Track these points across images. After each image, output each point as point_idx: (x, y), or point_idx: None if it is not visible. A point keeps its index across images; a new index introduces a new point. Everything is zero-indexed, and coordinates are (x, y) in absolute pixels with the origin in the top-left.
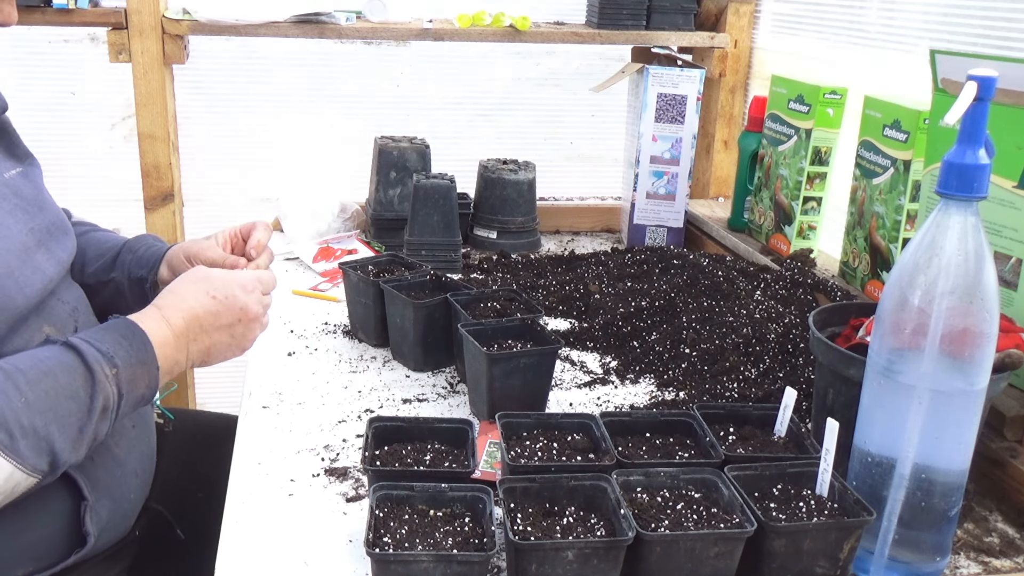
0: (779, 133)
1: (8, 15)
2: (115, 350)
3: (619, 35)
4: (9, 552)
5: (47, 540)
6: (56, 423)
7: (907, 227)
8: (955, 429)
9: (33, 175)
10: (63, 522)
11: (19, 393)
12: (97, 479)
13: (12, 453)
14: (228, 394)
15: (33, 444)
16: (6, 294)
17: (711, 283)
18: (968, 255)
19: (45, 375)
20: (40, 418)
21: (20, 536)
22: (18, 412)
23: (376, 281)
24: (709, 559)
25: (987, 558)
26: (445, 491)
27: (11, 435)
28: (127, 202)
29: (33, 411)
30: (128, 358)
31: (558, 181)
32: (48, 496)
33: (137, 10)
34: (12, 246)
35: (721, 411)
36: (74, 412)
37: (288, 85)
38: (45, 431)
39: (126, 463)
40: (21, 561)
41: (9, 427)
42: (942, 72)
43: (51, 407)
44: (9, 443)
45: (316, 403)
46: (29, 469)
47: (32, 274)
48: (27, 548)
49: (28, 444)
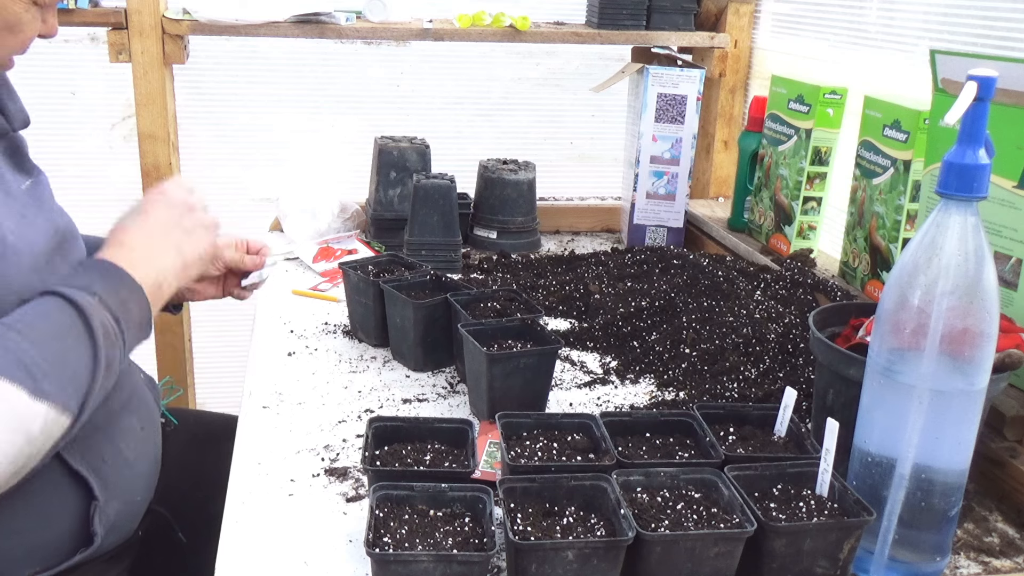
0: (779, 133)
1: (52, 27)
2: (89, 282)
3: (619, 35)
4: (19, 551)
5: (55, 540)
6: (68, 357)
7: (907, 227)
8: (955, 429)
9: (43, 186)
10: (72, 522)
11: (22, 337)
12: (107, 480)
13: (41, 395)
14: (228, 394)
15: (56, 381)
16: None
17: (711, 283)
18: (968, 255)
19: (39, 318)
20: (52, 355)
21: (30, 535)
22: (31, 355)
23: (376, 281)
24: (709, 559)
25: (987, 558)
26: (445, 491)
27: (33, 377)
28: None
29: (44, 351)
30: (106, 285)
31: (558, 181)
32: (59, 496)
33: (137, 10)
34: (40, 249)
35: (721, 411)
36: (80, 341)
37: (288, 85)
38: (62, 367)
39: (135, 465)
40: (29, 560)
41: (29, 370)
42: (942, 72)
43: (57, 344)
44: (35, 386)
45: (316, 403)
46: (61, 407)
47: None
48: (37, 547)
49: (51, 383)
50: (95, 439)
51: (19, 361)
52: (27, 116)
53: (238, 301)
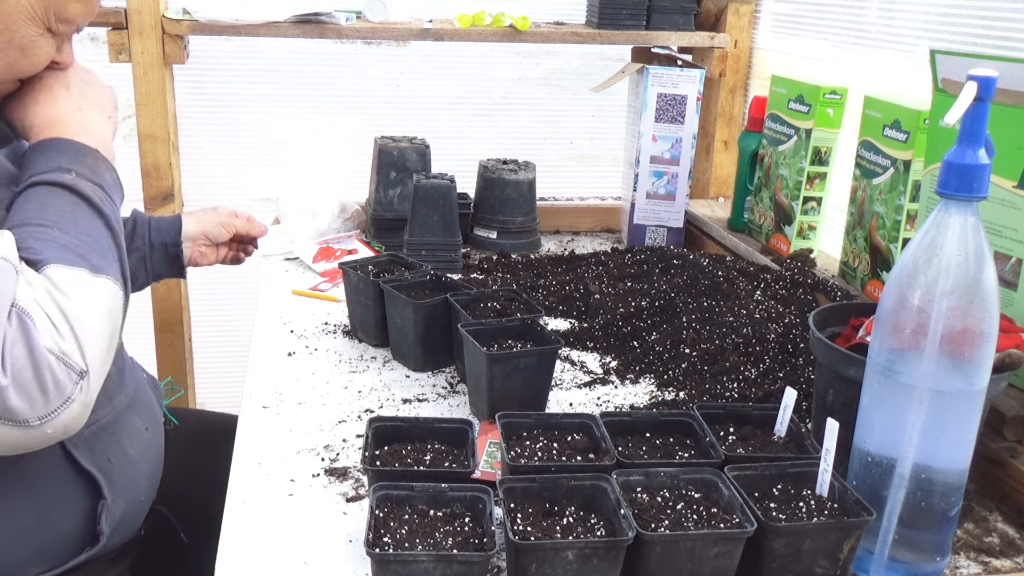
0: (779, 133)
1: (67, 56)
2: (51, 164)
3: (619, 35)
4: (27, 551)
5: (63, 539)
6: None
7: (907, 227)
8: (955, 429)
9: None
10: (79, 521)
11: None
12: (114, 480)
13: (97, 271)
14: (228, 394)
15: (99, 256)
16: None
17: (711, 283)
18: (968, 255)
19: (43, 206)
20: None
21: (39, 535)
22: (66, 238)
23: (376, 281)
24: (709, 559)
25: (987, 558)
26: (445, 491)
27: (84, 257)
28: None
29: (73, 233)
30: (69, 160)
31: (558, 181)
32: (69, 495)
33: (137, 10)
34: None
35: (721, 411)
36: (88, 215)
37: (288, 85)
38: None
39: (139, 465)
40: (37, 559)
41: (77, 250)
42: (942, 72)
43: (73, 222)
44: (89, 264)
45: (316, 403)
46: (113, 279)
47: None
48: (45, 547)
49: (97, 258)
50: (101, 439)
51: (65, 246)
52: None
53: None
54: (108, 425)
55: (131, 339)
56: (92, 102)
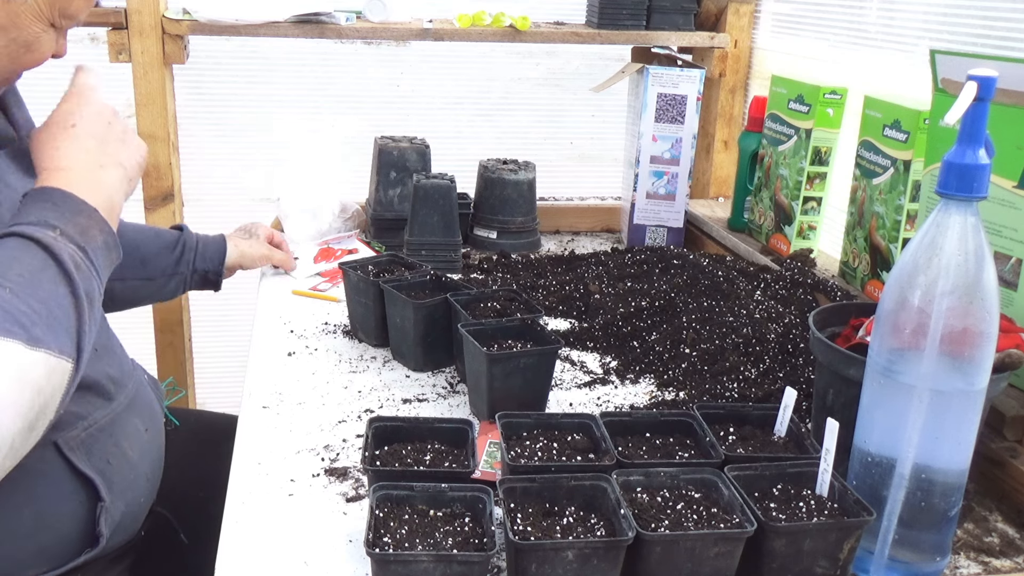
0: (779, 133)
1: (62, 48)
2: (43, 216)
3: (619, 35)
4: (26, 553)
5: (62, 541)
6: (49, 300)
7: (907, 227)
8: (955, 429)
9: None
10: (78, 523)
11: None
12: (113, 482)
13: (36, 343)
14: (228, 394)
15: (46, 327)
16: None
17: (711, 283)
18: (968, 255)
19: (9, 263)
20: (33, 299)
21: (37, 537)
22: (15, 304)
23: (376, 281)
24: (709, 559)
25: (987, 558)
26: (445, 491)
27: (24, 326)
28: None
29: (25, 298)
30: (61, 216)
31: (558, 181)
32: (66, 497)
33: (137, 10)
34: None
35: (721, 411)
36: (55, 281)
37: (288, 85)
38: (47, 311)
39: (139, 466)
40: (36, 562)
41: (17, 319)
42: (942, 72)
43: (35, 288)
44: (27, 335)
45: (316, 403)
46: (57, 352)
47: None
48: (43, 549)
49: (42, 329)
50: (100, 441)
51: (6, 312)
52: (33, 124)
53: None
54: (107, 427)
55: (131, 339)
56: (116, 162)
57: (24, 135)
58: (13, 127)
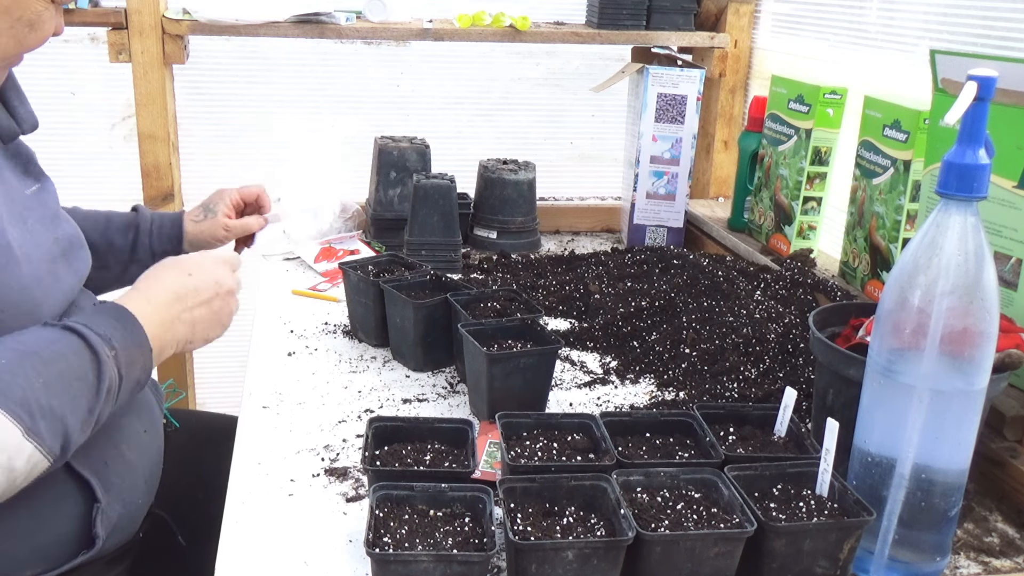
0: (779, 133)
1: (60, 25)
2: (111, 332)
3: (619, 35)
4: (22, 553)
5: (58, 541)
6: (69, 404)
7: (907, 227)
8: (955, 429)
9: (49, 192)
10: (74, 524)
11: (36, 374)
12: (110, 483)
13: (34, 435)
14: (228, 394)
15: (50, 425)
16: (34, 303)
17: (711, 283)
18: (968, 255)
19: (57, 357)
20: (56, 400)
21: (33, 537)
22: (37, 393)
23: (376, 281)
24: (709, 559)
25: (987, 558)
26: (445, 491)
27: (32, 416)
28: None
29: (50, 392)
30: (124, 340)
31: (558, 181)
32: (62, 498)
33: (137, 10)
34: (43, 255)
35: (721, 411)
36: (84, 393)
37: (288, 85)
38: (60, 412)
39: (137, 467)
40: (32, 562)
41: (30, 408)
42: (942, 72)
43: (65, 388)
44: (31, 424)
45: (316, 403)
46: (46, 451)
47: (55, 284)
48: (39, 549)
49: (46, 425)
50: (97, 442)
51: (24, 398)
52: (36, 119)
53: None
54: (105, 428)
55: None
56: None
57: (28, 129)
58: (16, 122)
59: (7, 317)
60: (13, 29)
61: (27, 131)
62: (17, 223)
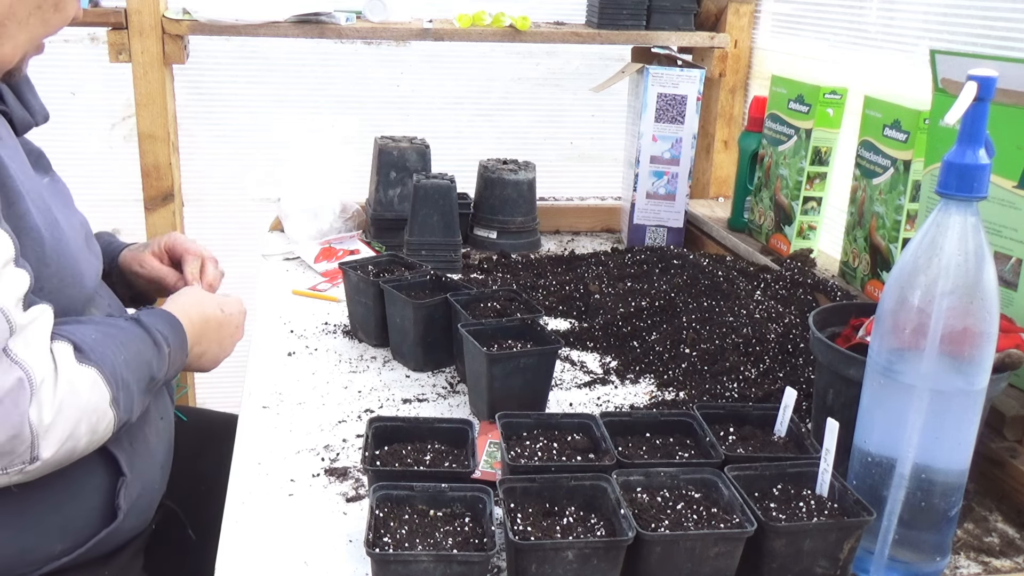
0: (779, 133)
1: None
2: (167, 332)
3: (619, 35)
4: (53, 524)
5: (84, 515)
6: (138, 385)
7: (907, 227)
8: (955, 429)
9: (60, 183)
10: (100, 497)
11: (119, 351)
12: (133, 463)
13: (115, 404)
14: (228, 394)
15: (126, 399)
16: (82, 275)
17: (711, 283)
18: (968, 255)
19: (131, 340)
20: (131, 376)
21: (61, 510)
22: (121, 367)
23: (376, 281)
24: (709, 559)
25: (987, 558)
26: (445, 491)
27: (117, 386)
28: (127, 202)
29: (129, 369)
30: (175, 341)
31: (558, 181)
32: (91, 471)
33: (137, 10)
34: (79, 234)
35: (721, 411)
36: (146, 378)
37: (288, 85)
38: (133, 389)
39: (156, 453)
40: (59, 535)
41: (117, 379)
42: (942, 72)
43: (137, 369)
44: (115, 394)
45: (316, 403)
46: (117, 422)
47: (89, 262)
48: (67, 522)
49: (124, 398)
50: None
51: (114, 368)
52: (47, 112)
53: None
54: None
55: None
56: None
57: (40, 120)
58: (31, 114)
59: (65, 286)
60: (40, 12)
61: (40, 123)
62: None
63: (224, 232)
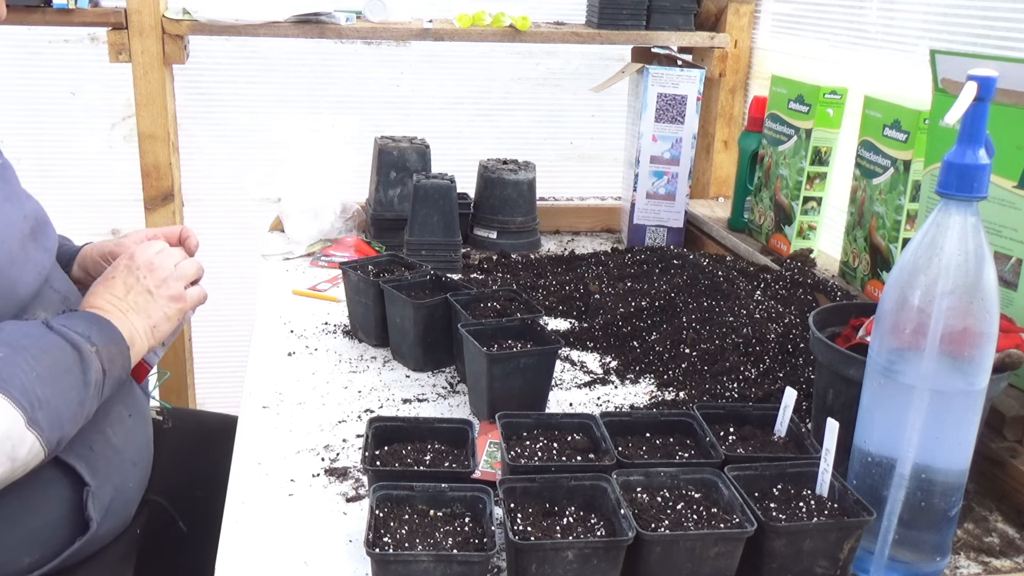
0: (779, 133)
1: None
2: (89, 331)
3: (619, 35)
4: (13, 540)
5: (50, 526)
6: (61, 397)
7: (907, 227)
8: (955, 429)
9: (9, 170)
10: (65, 508)
11: (30, 367)
12: (97, 467)
13: (34, 425)
14: (228, 394)
15: (47, 417)
16: (11, 283)
17: (711, 283)
18: (968, 255)
19: (44, 351)
20: (50, 391)
21: (22, 523)
22: (34, 384)
23: (376, 281)
24: (709, 559)
25: (987, 558)
26: (445, 491)
27: (32, 406)
28: (127, 202)
29: (44, 385)
30: (101, 338)
31: (558, 181)
32: (47, 483)
33: (137, 10)
34: (13, 233)
35: (721, 411)
36: (73, 387)
37: (288, 85)
38: (55, 404)
39: (124, 452)
40: (26, 548)
41: (30, 398)
42: (942, 72)
43: (55, 381)
44: (31, 414)
45: (316, 403)
46: (44, 442)
47: (28, 263)
48: (31, 535)
49: (44, 416)
50: (82, 428)
51: (24, 387)
52: None
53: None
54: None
55: None
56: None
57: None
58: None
59: None
60: None
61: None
62: None
63: (224, 232)
